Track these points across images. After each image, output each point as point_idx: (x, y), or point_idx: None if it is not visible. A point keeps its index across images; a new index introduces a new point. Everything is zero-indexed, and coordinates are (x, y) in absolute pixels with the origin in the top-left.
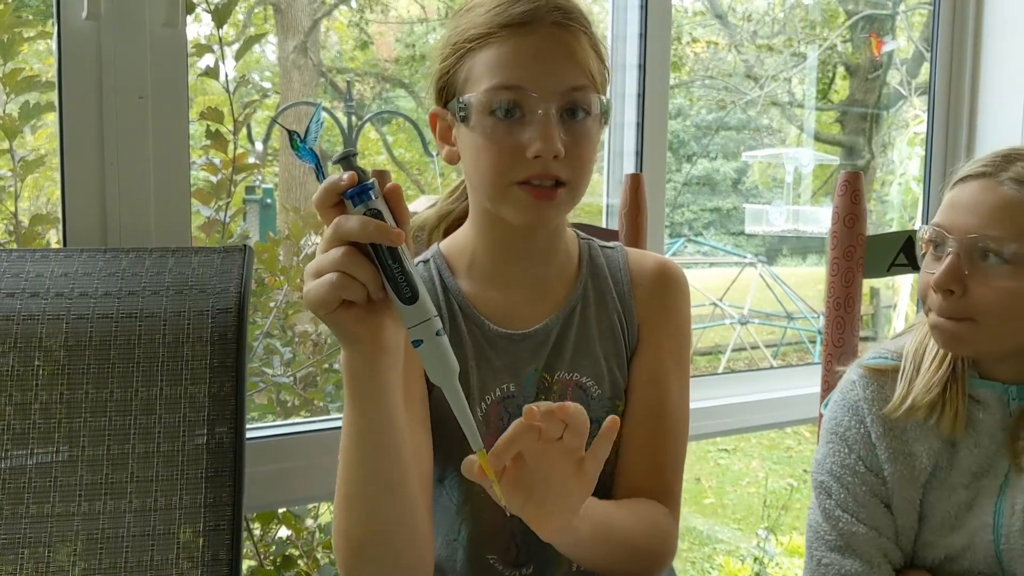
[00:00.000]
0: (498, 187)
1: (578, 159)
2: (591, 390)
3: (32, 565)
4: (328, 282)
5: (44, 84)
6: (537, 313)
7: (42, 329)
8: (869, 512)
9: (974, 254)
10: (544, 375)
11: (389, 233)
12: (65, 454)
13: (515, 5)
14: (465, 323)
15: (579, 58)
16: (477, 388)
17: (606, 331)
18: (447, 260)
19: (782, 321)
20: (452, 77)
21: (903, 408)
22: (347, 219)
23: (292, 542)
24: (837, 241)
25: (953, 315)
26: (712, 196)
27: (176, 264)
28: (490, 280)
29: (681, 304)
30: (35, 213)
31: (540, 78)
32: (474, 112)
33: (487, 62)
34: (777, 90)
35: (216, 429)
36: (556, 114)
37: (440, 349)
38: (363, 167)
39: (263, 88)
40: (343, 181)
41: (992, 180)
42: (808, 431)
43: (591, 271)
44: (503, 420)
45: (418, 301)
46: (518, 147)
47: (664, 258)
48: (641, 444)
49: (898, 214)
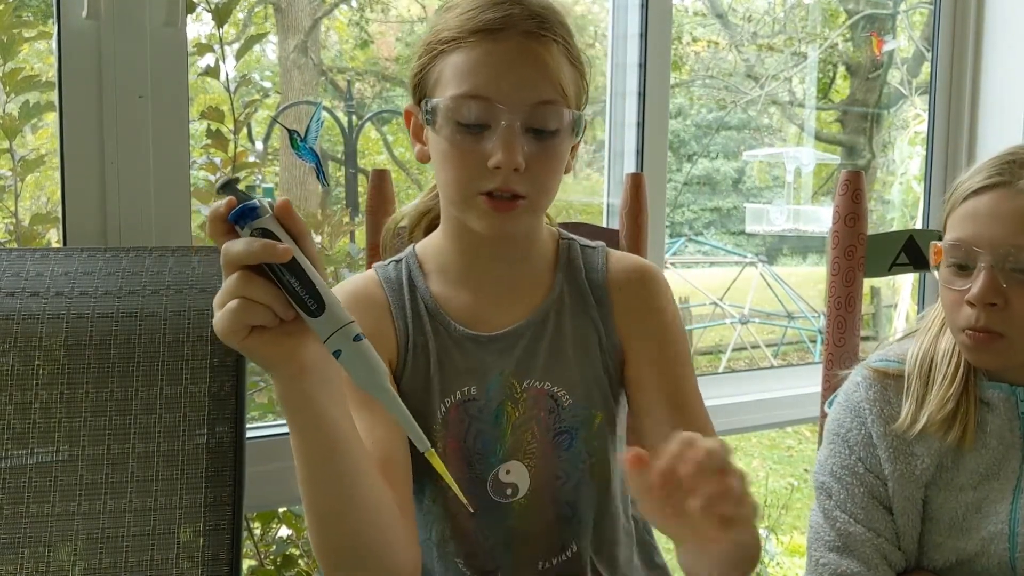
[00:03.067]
0: (461, 195)
1: (540, 173)
2: (562, 399)
3: (32, 564)
4: (230, 310)
5: (44, 84)
6: (507, 316)
7: (42, 328)
8: (868, 513)
9: (1007, 266)
10: (512, 381)
11: (275, 250)
12: (65, 453)
13: (488, 11)
14: (431, 323)
15: (550, 70)
16: (438, 390)
17: (580, 339)
18: (420, 261)
19: (782, 321)
20: (424, 76)
21: (917, 427)
22: (233, 243)
23: (292, 541)
24: (838, 240)
25: (990, 328)
26: (712, 196)
27: (176, 263)
28: (461, 282)
29: (662, 302)
30: (35, 212)
31: (507, 89)
32: (440, 117)
33: (456, 67)
34: (777, 89)
35: (216, 428)
36: (521, 127)
37: (361, 354)
38: (244, 191)
39: (263, 87)
40: (222, 207)
41: (1011, 189)
42: (808, 431)
43: (568, 274)
44: (463, 423)
45: (325, 312)
46: (481, 157)
47: (640, 259)
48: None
49: (899, 214)
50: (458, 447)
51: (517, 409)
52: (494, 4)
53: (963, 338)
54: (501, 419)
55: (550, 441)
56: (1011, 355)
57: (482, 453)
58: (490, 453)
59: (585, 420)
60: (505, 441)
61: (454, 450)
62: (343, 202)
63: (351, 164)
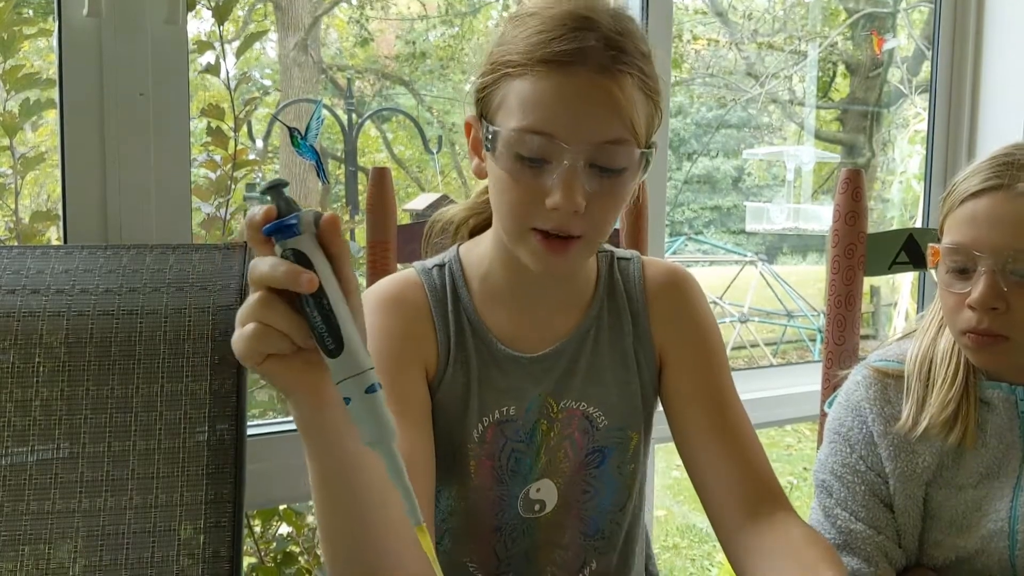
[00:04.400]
0: (515, 228)
1: (599, 212)
2: (597, 421)
3: (32, 562)
4: (245, 334)
5: (45, 81)
6: (548, 337)
7: (43, 326)
8: (869, 511)
9: (1007, 269)
10: (549, 400)
11: (298, 279)
12: (66, 451)
13: (560, 40)
14: (473, 339)
15: (621, 108)
16: (476, 408)
17: (618, 358)
18: (464, 268)
19: (782, 319)
20: (488, 96)
21: (919, 429)
22: (261, 261)
23: (293, 539)
24: (838, 239)
25: (991, 331)
26: (712, 194)
27: (177, 261)
28: (503, 297)
29: (698, 306)
30: (35, 210)
31: (573, 127)
32: (501, 145)
33: (521, 96)
34: (778, 88)
35: (217, 426)
36: (584, 166)
37: (371, 409)
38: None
39: (263, 85)
40: (257, 216)
41: (1010, 192)
42: (808, 429)
43: (607, 291)
44: (499, 442)
45: (343, 353)
46: (539, 193)
47: (673, 265)
48: (727, 456)
49: (898, 212)
50: (492, 465)
51: (552, 428)
52: (568, 29)
53: (965, 340)
54: (536, 438)
55: (582, 460)
56: (1015, 356)
57: (515, 471)
58: (523, 471)
59: (620, 442)
60: (539, 460)
61: (487, 468)
62: (343, 200)
63: (351, 162)
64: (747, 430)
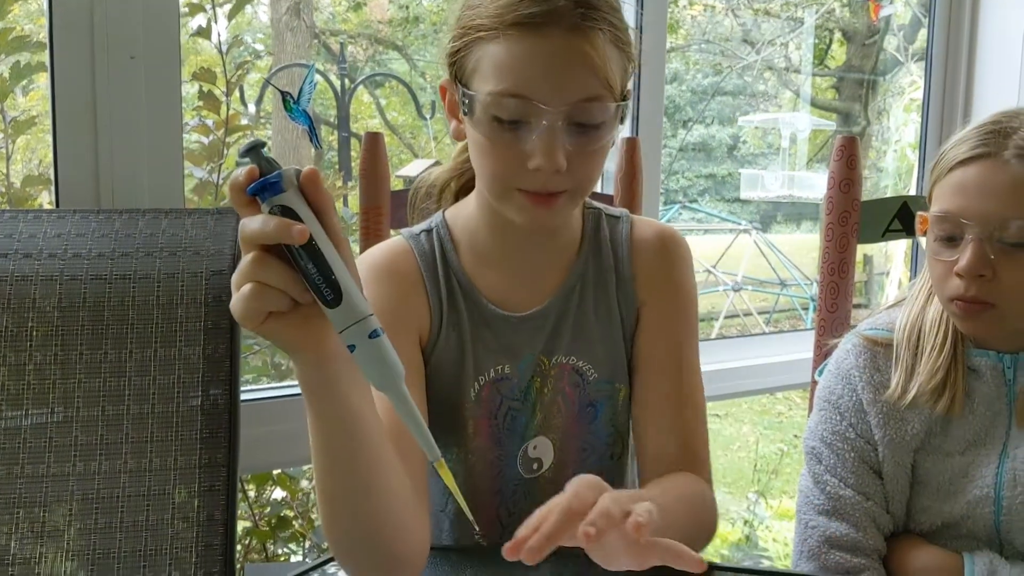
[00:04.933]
0: (498, 190)
1: (581, 168)
2: (587, 374)
3: (27, 525)
4: (243, 296)
5: (35, 44)
6: (536, 295)
7: (35, 290)
8: (858, 477)
9: (995, 238)
10: (541, 358)
11: (290, 231)
12: (60, 415)
13: (529, 3)
14: (464, 301)
15: (595, 65)
16: (472, 369)
17: (604, 313)
18: (451, 231)
19: (775, 288)
20: (461, 60)
21: (908, 398)
22: (250, 220)
23: (287, 503)
24: (833, 206)
25: (979, 298)
26: (707, 162)
27: (170, 226)
28: (491, 259)
29: (683, 270)
30: (27, 174)
31: (549, 88)
32: (478, 110)
33: (495, 60)
34: (774, 55)
35: (211, 391)
36: (563, 125)
37: (377, 353)
38: (269, 157)
39: (255, 50)
40: (241, 177)
41: (997, 160)
42: (799, 397)
43: (593, 248)
44: (495, 401)
45: (342, 302)
46: (520, 155)
47: (665, 225)
48: (666, 416)
49: (893, 181)
50: (489, 424)
51: (546, 384)
52: None
53: (953, 307)
54: (531, 395)
55: (575, 415)
56: (1002, 324)
57: (512, 429)
58: (520, 429)
59: (610, 395)
60: (535, 417)
61: (485, 428)
62: (336, 166)
63: (344, 128)
64: (694, 402)
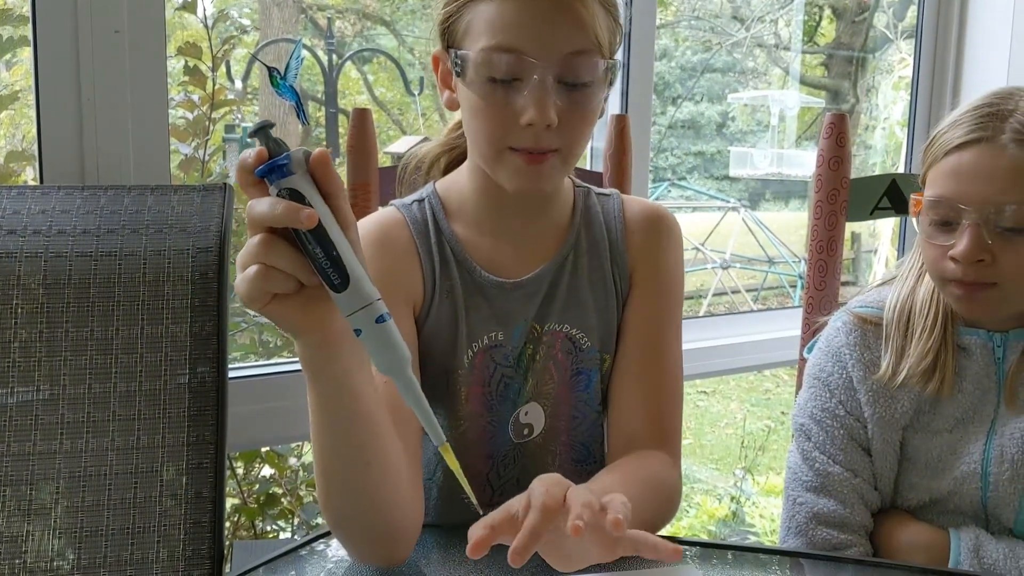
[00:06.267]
0: (491, 150)
1: (573, 127)
2: (580, 342)
3: (15, 503)
4: (248, 277)
5: (18, 18)
6: (528, 263)
7: (20, 267)
8: (847, 454)
9: (992, 222)
10: (534, 325)
11: (298, 215)
12: (46, 392)
13: None
14: (457, 268)
15: (584, 20)
16: (465, 336)
17: (597, 281)
18: (442, 201)
19: (763, 266)
20: (453, 24)
21: (898, 379)
22: (258, 202)
23: (275, 480)
24: (821, 184)
25: (978, 281)
26: (696, 140)
27: (156, 202)
28: (483, 227)
29: (672, 249)
30: (10, 150)
31: (539, 42)
32: (470, 69)
33: (487, 18)
34: (763, 32)
35: (198, 369)
36: (553, 80)
37: (384, 338)
38: (277, 139)
39: (242, 24)
40: (250, 159)
41: (993, 144)
42: (786, 374)
43: (585, 220)
44: (488, 368)
45: (349, 287)
46: (512, 112)
47: (657, 204)
48: (639, 392)
49: (881, 159)
50: (482, 392)
51: (538, 351)
52: None
53: (952, 289)
54: (523, 362)
55: (567, 382)
56: (1003, 304)
57: (504, 396)
58: (512, 396)
59: (600, 366)
60: (527, 383)
61: (478, 395)
62: (324, 142)
63: (331, 104)
64: (670, 381)
